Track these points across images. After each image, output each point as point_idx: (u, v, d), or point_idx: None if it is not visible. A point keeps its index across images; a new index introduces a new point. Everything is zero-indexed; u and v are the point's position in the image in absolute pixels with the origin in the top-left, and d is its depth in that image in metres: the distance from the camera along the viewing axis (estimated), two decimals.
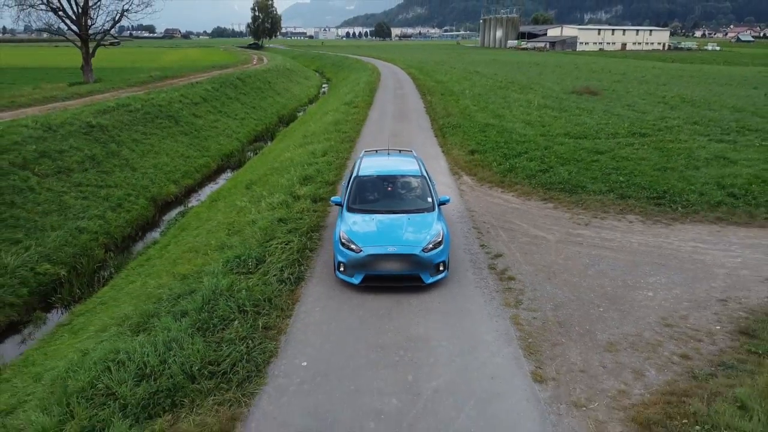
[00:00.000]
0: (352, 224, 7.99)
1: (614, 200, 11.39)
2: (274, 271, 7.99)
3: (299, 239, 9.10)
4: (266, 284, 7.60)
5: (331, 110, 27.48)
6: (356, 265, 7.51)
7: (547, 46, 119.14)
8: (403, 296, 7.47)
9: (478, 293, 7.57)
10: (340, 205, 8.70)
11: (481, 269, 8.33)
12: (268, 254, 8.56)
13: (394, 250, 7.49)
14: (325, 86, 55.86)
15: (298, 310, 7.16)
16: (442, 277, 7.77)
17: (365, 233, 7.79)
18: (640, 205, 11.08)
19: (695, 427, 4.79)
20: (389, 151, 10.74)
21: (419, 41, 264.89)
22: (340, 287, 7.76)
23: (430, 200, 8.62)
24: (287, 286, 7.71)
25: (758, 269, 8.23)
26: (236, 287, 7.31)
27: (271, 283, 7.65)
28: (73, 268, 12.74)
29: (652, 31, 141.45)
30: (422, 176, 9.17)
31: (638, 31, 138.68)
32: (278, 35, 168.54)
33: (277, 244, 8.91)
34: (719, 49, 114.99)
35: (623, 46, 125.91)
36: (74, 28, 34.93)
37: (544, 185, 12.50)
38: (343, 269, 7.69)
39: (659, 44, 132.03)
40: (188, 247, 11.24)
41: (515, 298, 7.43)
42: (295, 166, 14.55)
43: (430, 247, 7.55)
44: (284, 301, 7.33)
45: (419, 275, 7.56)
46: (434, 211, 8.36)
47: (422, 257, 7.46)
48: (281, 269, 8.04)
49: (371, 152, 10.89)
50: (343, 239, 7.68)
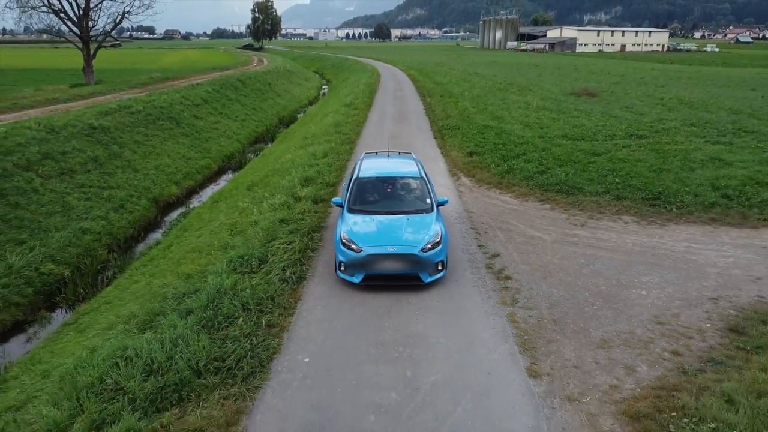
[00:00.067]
0: (352, 225, 8.17)
1: (610, 201, 11.57)
2: (276, 270, 8.18)
3: (301, 239, 9.29)
4: (269, 283, 7.79)
5: (331, 112, 27.65)
6: (357, 264, 7.70)
7: (546, 47, 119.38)
8: (402, 295, 7.66)
9: (475, 292, 7.75)
10: (340, 206, 8.87)
11: (478, 269, 8.52)
12: (270, 254, 8.76)
13: (393, 250, 7.68)
14: (324, 88, 56.04)
15: (300, 308, 7.35)
16: (440, 276, 7.95)
17: (365, 233, 7.98)
18: (635, 206, 11.26)
19: (683, 419, 4.98)
20: (389, 153, 10.91)
21: (419, 42, 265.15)
22: (341, 286, 7.95)
23: (428, 201, 8.80)
24: (289, 285, 7.90)
25: (749, 269, 8.42)
26: (240, 286, 7.51)
27: (273, 282, 7.85)
28: (76, 268, 12.93)
29: (651, 32, 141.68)
30: (421, 178, 9.35)
31: (637, 32, 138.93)
32: (278, 36, 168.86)
33: (279, 244, 9.11)
34: (718, 50, 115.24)
35: (622, 47, 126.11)
36: (75, 29, 35.12)
37: (541, 186, 12.69)
38: (343, 269, 7.87)
39: (658, 45, 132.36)
40: (191, 247, 11.42)
41: (512, 296, 7.62)
42: (296, 167, 14.71)
43: (428, 247, 7.73)
44: (287, 299, 7.52)
45: (418, 274, 7.75)
46: (433, 211, 8.54)
47: (421, 257, 7.65)
48: (283, 269, 8.24)
49: (371, 154, 11.07)
50: (343, 239, 7.86)
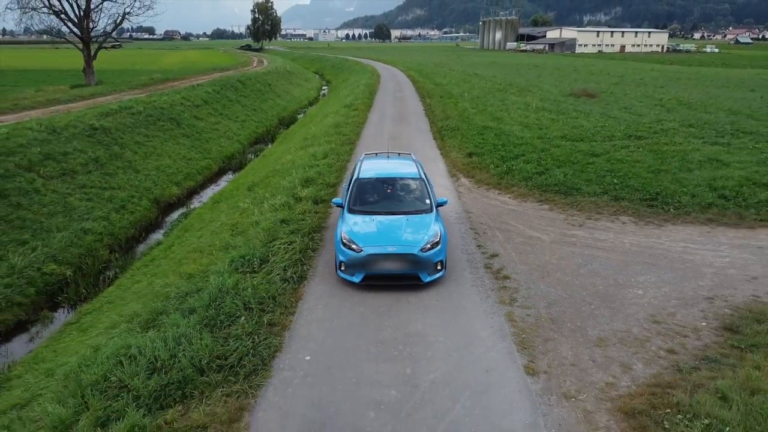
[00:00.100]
0: (352, 225, 8.27)
1: (608, 202, 11.67)
2: (277, 270, 8.28)
3: (301, 240, 9.38)
4: (270, 283, 7.89)
5: (331, 113, 27.75)
6: (357, 264, 7.79)
7: (546, 48, 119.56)
8: (402, 294, 7.75)
9: (474, 291, 7.85)
10: (341, 206, 8.96)
11: (477, 268, 8.61)
12: (271, 254, 8.85)
13: (393, 249, 7.77)
14: (324, 88, 56.13)
15: (301, 307, 7.45)
16: (439, 276, 8.04)
17: (365, 234, 8.07)
18: (633, 206, 11.36)
19: (678, 416, 5.07)
20: (389, 154, 11.00)
21: (419, 43, 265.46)
22: (341, 286, 8.04)
23: (428, 202, 8.89)
24: (290, 284, 7.99)
25: (745, 268, 8.51)
26: (241, 286, 7.61)
27: (275, 281, 7.94)
28: (78, 268, 13.01)
29: (650, 33, 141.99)
30: (421, 179, 9.44)
31: (637, 33, 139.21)
32: (278, 37, 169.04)
33: (280, 244, 9.20)
34: (717, 51, 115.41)
35: (622, 48, 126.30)
36: (76, 30, 35.22)
37: (540, 187, 12.78)
38: (344, 268, 7.97)
39: (658, 46, 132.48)
40: (193, 247, 11.51)
41: (510, 296, 7.71)
42: (296, 168, 14.81)
43: (428, 247, 7.82)
44: (288, 298, 7.62)
45: (418, 274, 7.85)
46: (432, 212, 8.64)
47: (420, 257, 7.74)
48: (284, 268, 8.33)
49: (371, 155, 11.16)
50: (344, 239, 7.96)
